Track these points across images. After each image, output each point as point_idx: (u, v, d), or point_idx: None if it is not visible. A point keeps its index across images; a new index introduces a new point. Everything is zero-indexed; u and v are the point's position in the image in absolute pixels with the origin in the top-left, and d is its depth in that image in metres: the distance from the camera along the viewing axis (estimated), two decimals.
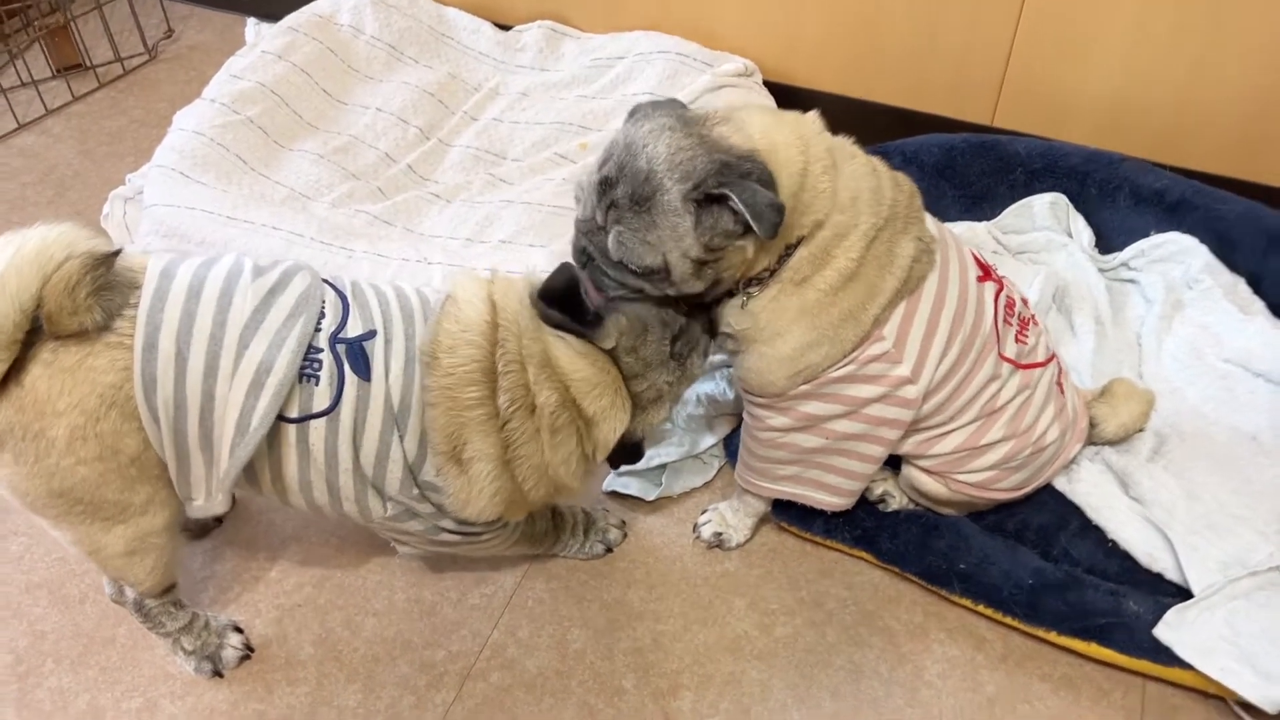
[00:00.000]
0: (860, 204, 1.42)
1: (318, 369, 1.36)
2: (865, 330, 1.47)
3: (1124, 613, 1.57)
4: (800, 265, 1.42)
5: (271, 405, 1.32)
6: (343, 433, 1.37)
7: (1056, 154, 2.23)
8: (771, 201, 1.30)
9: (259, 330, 1.33)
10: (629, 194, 1.34)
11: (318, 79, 2.53)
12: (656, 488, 1.85)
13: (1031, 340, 1.62)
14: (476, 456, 1.39)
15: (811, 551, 1.79)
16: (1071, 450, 1.71)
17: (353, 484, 1.41)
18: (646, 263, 1.37)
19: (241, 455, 1.33)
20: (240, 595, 1.73)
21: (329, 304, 1.40)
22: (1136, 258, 2.14)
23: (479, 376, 1.38)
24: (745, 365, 1.53)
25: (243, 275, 1.36)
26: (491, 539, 1.58)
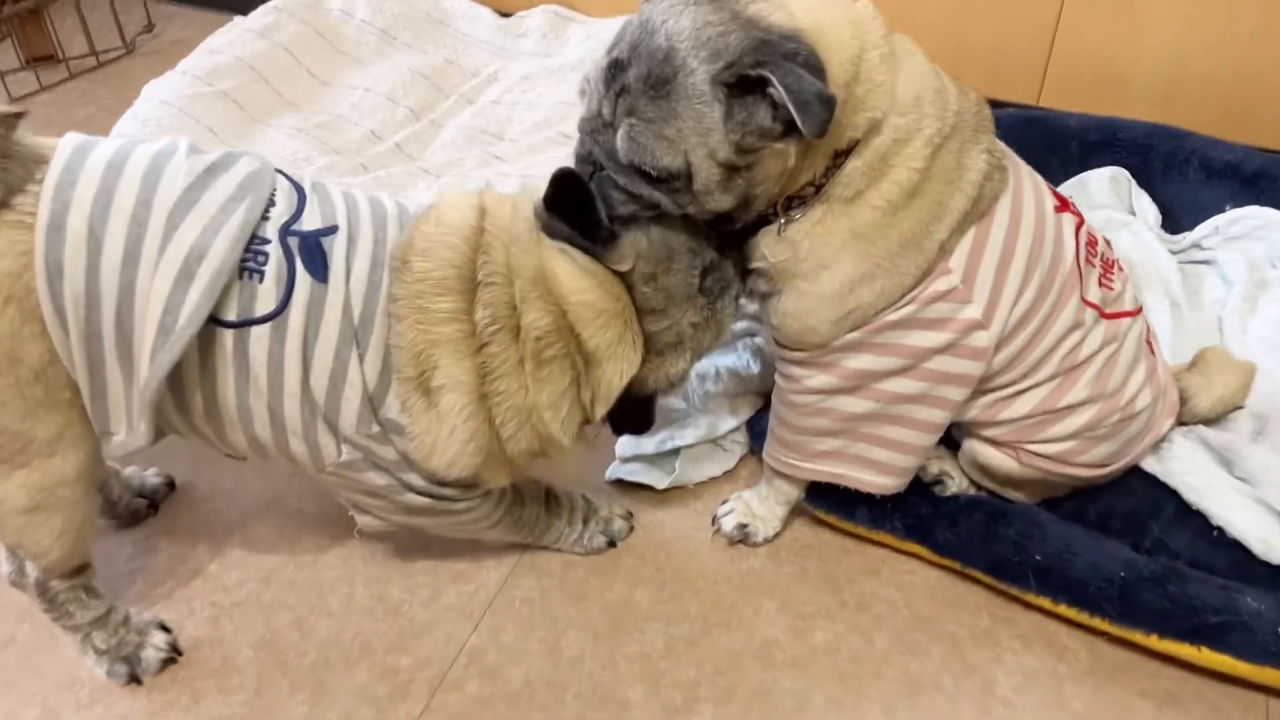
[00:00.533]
0: (924, 105, 1.18)
1: (263, 263, 1.11)
2: (929, 260, 1.22)
3: (1241, 609, 1.28)
4: (852, 178, 1.18)
5: (204, 300, 1.06)
6: (290, 344, 1.11)
7: (1114, 127, 2.00)
8: (820, 92, 1.06)
9: (193, 210, 1.08)
10: (644, 76, 1.10)
11: (301, 59, 2.34)
12: (669, 475, 1.57)
13: (1118, 286, 1.37)
14: (447, 384, 1.14)
15: (853, 548, 1.51)
16: (1163, 425, 1.44)
17: (300, 413, 1.15)
18: (664, 163, 1.12)
19: (164, 361, 1.07)
20: (172, 591, 1.45)
21: (281, 193, 1.16)
22: (1210, 236, 1.90)
23: (455, 285, 1.13)
24: (782, 309, 1.27)
25: (176, 153, 1.12)
26: (469, 511, 1.31)
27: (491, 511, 1.35)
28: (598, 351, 1.18)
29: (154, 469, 1.58)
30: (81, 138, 1.12)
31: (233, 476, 1.61)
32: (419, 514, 1.29)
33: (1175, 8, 2.03)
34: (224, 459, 1.60)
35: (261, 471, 1.61)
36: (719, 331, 1.30)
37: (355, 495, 1.27)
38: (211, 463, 1.62)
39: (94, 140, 1.12)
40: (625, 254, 1.19)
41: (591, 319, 1.17)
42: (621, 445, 1.60)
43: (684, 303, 1.23)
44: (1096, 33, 2.11)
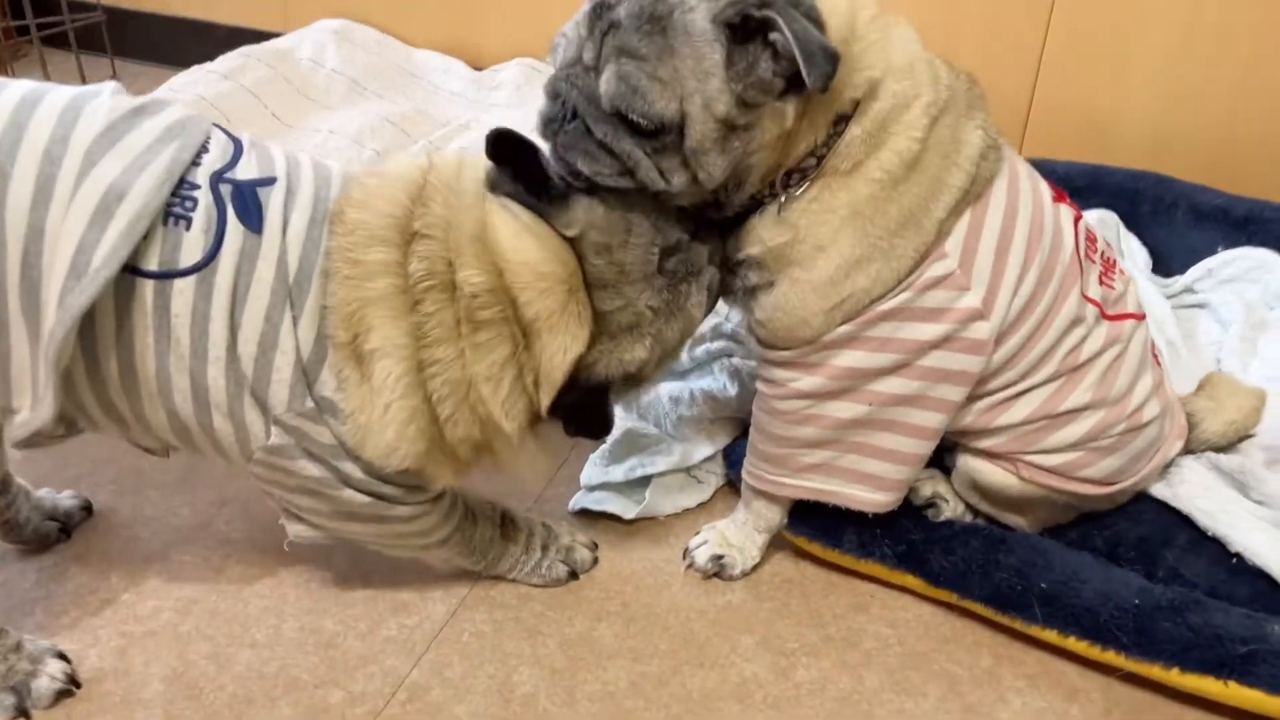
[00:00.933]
0: (918, 72, 1.12)
1: (190, 209, 1.00)
2: (927, 241, 1.14)
3: (1271, 638, 1.16)
4: (852, 147, 1.10)
5: (122, 240, 0.95)
6: (217, 300, 1.00)
7: (1101, 173, 1.97)
8: (824, 44, 0.99)
9: (115, 147, 0.98)
10: (636, 12, 1.01)
11: (265, 101, 2.27)
12: (638, 505, 1.44)
13: (1119, 286, 1.28)
14: (380, 349, 1.02)
15: (839, 582, 1.37)
16: (1173, 447, 1.34)
17: (225, 383, 1.03)
18: (656, 109, 1.01)
19: (74, 305, 0.94)
20: (78, 620, 1.28)
21: (216, 142, 1.07)
22: (1203, 279, 1.83)
23: (390, 236, 1.03)
24: (771, 302, 1.17)
25: (100, 94, 1.02)
26: (413, 519, 1.17)
27: (439, 524, 1.21)
28: (537, 320, 1.05)
29: (69, 491, 1.43)
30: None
31: (157, 503, 1.46)
32: (357, 519, 1.15)
33: (1155, 59, 2.01)
34: (147, 483, 1.48)
35: (189, 497, 1.47)
36: (685, 323, 1.18)
37: (287, 494, 1.14)
38: (135, 488, 1.48)
39: (6, 80, 1.02)
40: (576, 217, 1.08)
41: (531, 281, 1.04)
42: (587, 473, 1.47)
43: (641, 282, 1.11)
44: (1078, 84, 2.09)
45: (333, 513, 1.15)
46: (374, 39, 2.58)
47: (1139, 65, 2.03)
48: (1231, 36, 1.94)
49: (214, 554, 1.39)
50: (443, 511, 1.21)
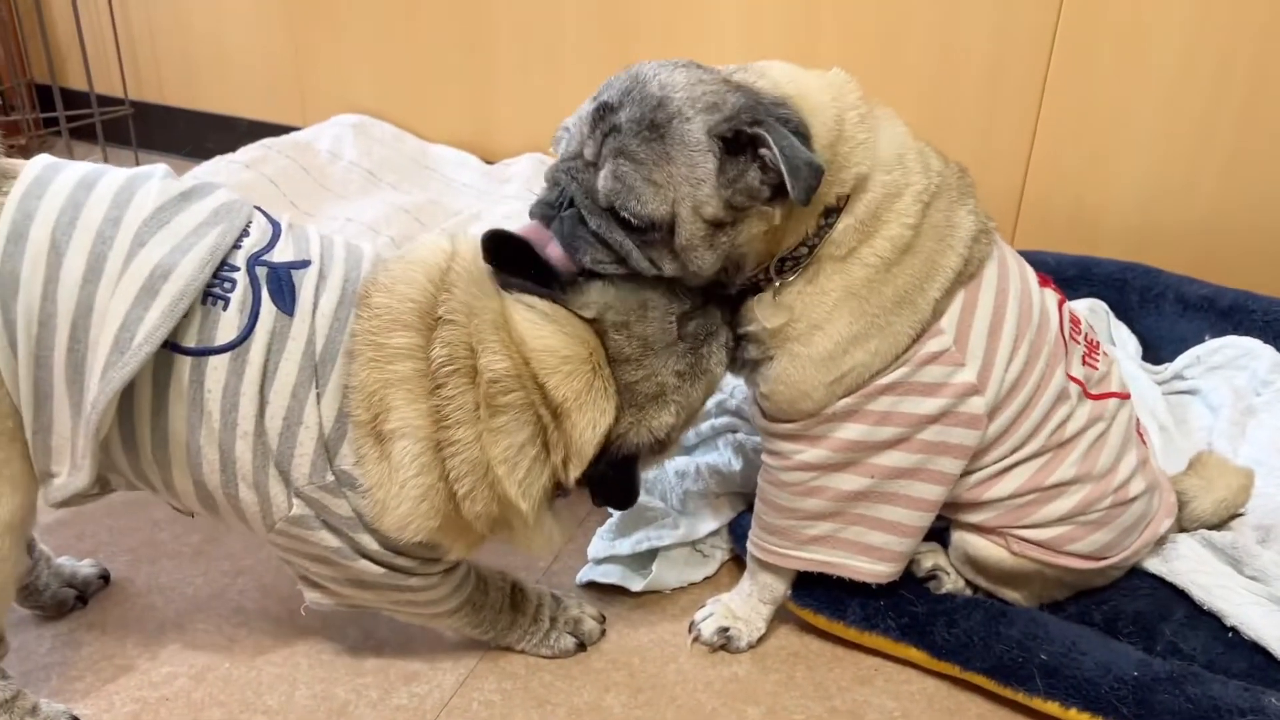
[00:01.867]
0: (908, 162, 1.19)
1: (229, 289, 1.06)
2: (923, 318, 1.19)
3: (1269, 710, 1.17)
4: (845, 236, 1.16)
5: (164, 319, 1.00)
6: (248, 377, 1.05)
7: (1090, 263, 2.04)
8: (810, 160, 1.06)
9: (163, 230, 1.04)
10: (637, 118, 1.09)
11: (285, 190, 2.36)
12: (644, 578, 1.47)
13: (1103, 367, 1.33)
14: (400, 430, 1.06)
15: (844, 655, 1.39)
16: (1161, 524, 1.38)
17: (251, 456, 1.07)
18: (648, 210, 1.09)
19: (116, 379, 0.99)
20: (93, 686, 1.30)
21: (256, 226, 1.13)
22: (1192, 366, 1.89)
23: (413, 320, 1.08)
24: (774, 375, 1.22)
25: (152, 177, 1.09)
26: (425, 589, 1.20)
27: (450, 594, 1.24)
28: (565, 402, 1.09)
29: (89, 560, 1.46)
30: (53, 158, 1.09)
31: (172, 572, 1.49)
32: (371, 588, 1.18)
33: (1141, 156, 2.10)
34: (163, 553, 1.50)
35: (204, 567, 1.49)
36: (709, 383, 1.22)
37: (305, 562, 1.17)
38: (151, 558, 1.51)
39: (67, 162, 1.09)
40: (591, 300, 1.13)
41: (556, 366, 1.09)
42: (594, 547, 1.50)
43: (664, 350, 1.16)
44: (1066, 179, 2.18)
45: (348, 581, 1.18)
46: (390, 133, 2.69)
47: (1125, 161, 2.12)
48: (1213, 133, 2.03)
49: (228, 623, 1.41)
50: (454, 583, 1.24)
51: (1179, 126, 2.05)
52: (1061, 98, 2.12)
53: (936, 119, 2.21)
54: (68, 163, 1.09)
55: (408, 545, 1.13)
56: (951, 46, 2.17)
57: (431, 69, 2.70)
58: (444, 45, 2.65)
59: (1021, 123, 2.16)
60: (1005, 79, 2.15)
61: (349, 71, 2.79)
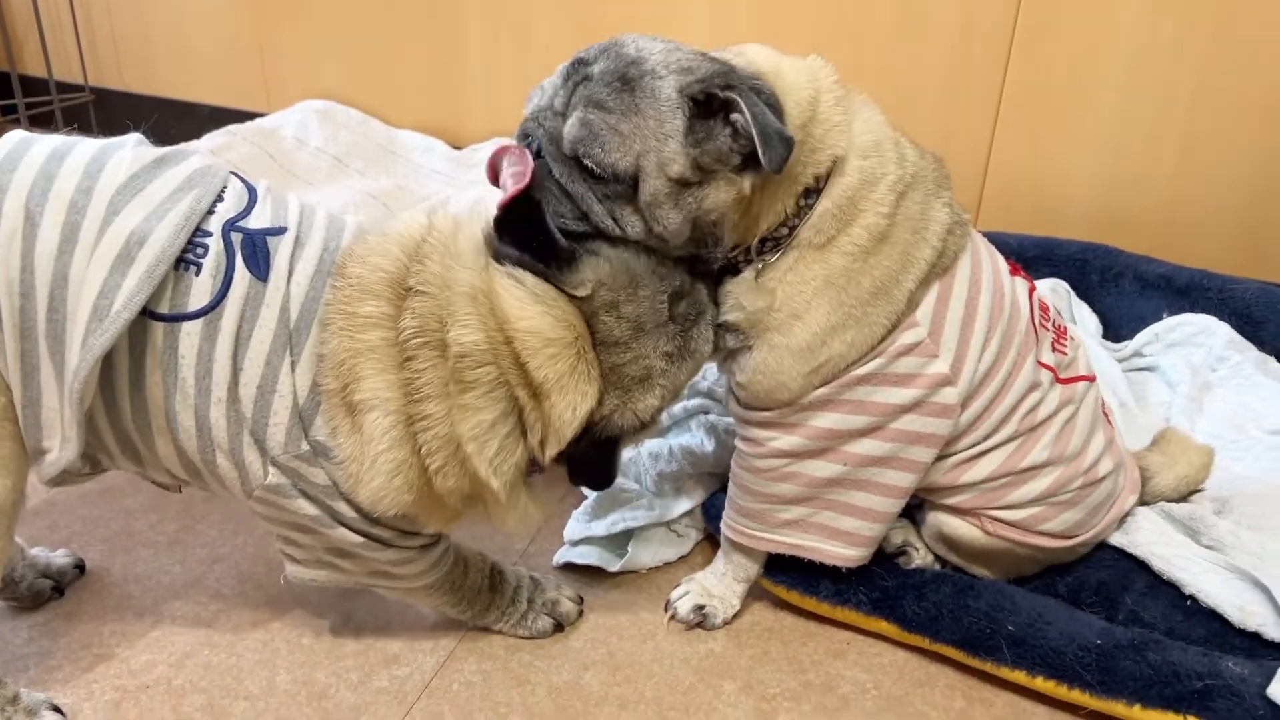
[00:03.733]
0: (884, 151, 1.20)
1: (201, 255, 1.06)
2: (898, 310, 1.21)
3: (1225, 674, 1.22)
4: (824, 221, 1.17)
5: (141, 285, 1.01)
6: (221, 343, 1.05)
7: (1051, 244, 2.08)
8: (781, 130, 1.07)
9: (137, 197, 1.04)
10: (610, 70, 1.10)
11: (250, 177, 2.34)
12: (620, 558, 1.49)
13: (1070, 352, 1.37)
14: (369, 401, 1.06)
15: (817, 630, 1.42)
16: (1127, 500, 1.42)
17: (226, 423, 1.07)
18: (611, 160, 1.08)
19: (96, 346, 1.00)
20: (71, 675, 1.30)
21: (232, 191, 1.13)
22: (1150, 343, 1.93)
23: (383, 290, 1.07)
24: (752, 364, 1.23)
25: (124, 146, 1.09)
26: (404, 559, 1.21)
27: (429, 569, 1.26)
28: (546, 383, 1.08)
29: (63, 550, 1.45)
30: (26, 133, 1.09)
31: (148, 561, 1.49)
32: (350, 557, 1.19)
33: (1101, 136, 2.14)
34: (139, 542, 1.50)
35: (180, 555, 1.50)
36: (695, 364, 1.21)
37: (286, 530, 1.18)
38: (126, 548, 1.51)
39: (39, 135, 1.09)
40: (584, 278, 1.11)
41: (539, 348, 1.07)
42: (570, 528, 1.52)
43: (654, 331, 1.14)
44: (1028, 162, 2.21)
45: (328, 549, 1.18)
46: (356, 119, 2.68)
47: (1085, 145, 2.16)
48: (1170, 118, 2.07)
49: (206, 610, 1.41)
50: (433, 558, 1.25)
51: (1137, 111, 2.09)
52: (1023, 82, 2.15)
53: (900, 103, 2.23)
54: (40, 136, 1.09)
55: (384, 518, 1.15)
56: (914, 32, 2.20)
57: (397, 53, 2.69)
58: (410, 29, 2.64)
59: (984, 106, 2.19)
60: (968, 64, 2.18)
61: (313, 56, 2.77)
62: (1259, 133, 2.02)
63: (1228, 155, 2.06)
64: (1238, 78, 1.99)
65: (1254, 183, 2.06)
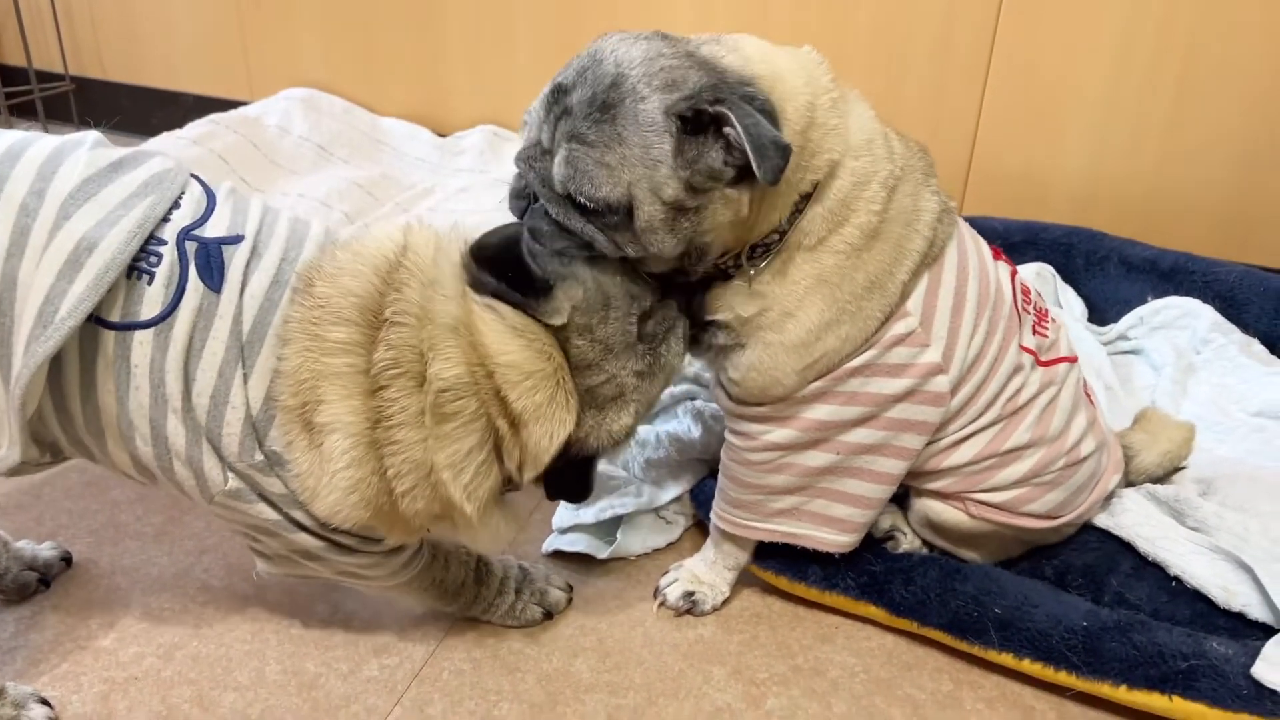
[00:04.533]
0: (875, 148, 1.19)
1: (154, 264, 1.04)
2: (892, 302, 1.21)
3: (1210, 654, 1.23)
4: (814, 224, 1.16)
5: (88, 292, 0.99)
6: (172, 353, 1.04)
7: (1037, 228, 2.08)
8: (776, 139, 1.04)
9: (89, 202, 1.02)
10: (588, 99, 1.06)
11: (235, 166, 2.33)
12: (609, 545, 1.49)
13: (1052, 334, 1.37)
14: (331, 425, 1.04)
15: (805, 615, 1.43)
16: (1110, 480, 1.42)
17: (183, 431, 1.06)
18: (602, 194, 1.06)
19: (39, 353, 0.98)
20: (58, 667, 1.30)
21: (190, 197, 1.10)
22: (1135, 326, 1.94)
23: (354, 316, 1.05)
24: (745, 363, 1.22)
25: (80, 146, 1.07)
26: (369, 564, 1.21)
27: (398, 570, 1.25)
28: (525, 413, 1.08)
29: (49, 542, 1.45)
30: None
31: (135, 553, 1.48)
32: (315, 559, 1.18)
33: (1086, 122, 2.15)
34: (125, 534, 1.50)
35: (168, 547, 1.49)
36: (666, 376, 1.22)
37: (250, 532, 1.17)
38: (113, 539, 1.50)
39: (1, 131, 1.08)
40: (560, 307, 1.10)
41: (519, 381, 1.07)
42: (559, 516, 1.52)
43: (623, 352, 1.15)
44: (1013, 147, 2.22)
45: (293, 552, 1.18)
46: (340, 107, 2.66)
47: (1070, 130, 2.16)
48: (1154, 103, 2.08)
49: (194, 601, 1.41)
50: (401, 560, 1.24)
51: (1122, 96, 2.09)
52: (1008, 68, 2.15)
53: (885, 89, 2.24)
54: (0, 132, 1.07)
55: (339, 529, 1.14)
56: (899, 17, 2.19)
57: (381, 40, 2.67)
58: (393, 16, 2.63)
59: (969, 93, 2.19)
60: (952, 50, 2.18)
61: (296, 44, 2.75)
62: (1243, 117, 2.03)
63: (1212, 140, 2.07)
64: (1222, 62, 2.00)
65: (1238, 167, 2.07)
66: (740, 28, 1.23)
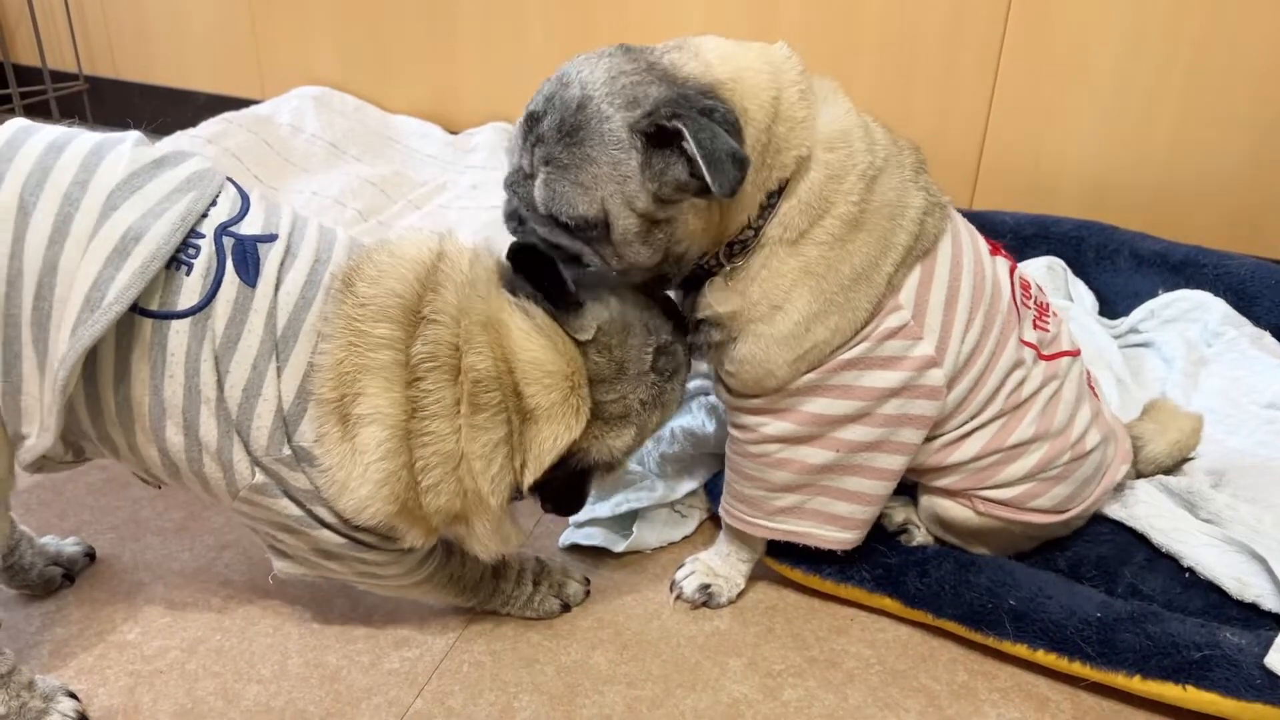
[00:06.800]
0: (853, 140, 1.19)
1: (193, 255, 1.07)
2: (879, 293, 1.22)
3: (1223, 644, 1.24)
4: (791, 218, 1.18)
5: (134, 279, 1.02)
6: (208, 344, 1.07)
7: (1047, 222, 2.09)
8: (733, 151, 1.06)
9: (135, 194, 1.05)
10: (557, 125, 1.11)
11: (248, 164, 2.35)
12: (625, 539, 1.51)
13: (1053, 328, 1.38)
14: (370, 415, 1.08)
15: (820, 607, 1.44)
16: (1119, 470, 1.43)
17: (215, 423, 1.09)
18: (579, 212, 1.12)
19: (85, 336, 1.01)
20: (84, 661, 1.32)
21: (226, 196, 1.14)
22: (1146, 319, 1.95)
23: (397, 315, 1.10)
24: (738, 355, 1.24)
25: (123, 142, 1.10)
26: (387, 563, 1.23)
27: (414, 569, 1.27)
28: (537, 411, 1.13)
29: (73, 538, 1.47)
30: (27, 122, 1.10)
31: (157, 548, 1.50)
32: (334, 558, 1.21)
33: (1096, 115, 2.15)
34: (147, 530, 1.52)
35: (189, 542, 1.51)
36: (664, 413, 1.28)
37: (270, 529, 1.19)
38: (135, 535, 1.52)
39: (40, 125, 1.10)
40: (587, 324, 1.17)
41: (538, 378, 1.12)
42: None
43: (636, 378, 1.21)
44: (1023, 141, 2.22)
45: (313, 549, 1.20)
46: (352, 105, 2.68)
47: (1080, 123, 2.17)
48: (1165, 97, 2.08)
49: (216, 596, 1.43)
50: (417, 559, 1.26)
51: (1132, 90, 2.10)
52: (1017, 63, 2.16)
53: (895, 85, 2.24)
54: (41, 126, 1.10)
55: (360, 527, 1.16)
56: (909, 12, 2.20)
57: (392, 38, 2.68)
58: (404, 14, 2.64)
59: (979, 87, 2.20)
60: (963, 45, 2.18)
61: (308, 42, 2.77)
62: (1254, 109, 2.03)
63: (1223, 132, 2.07)
64: (1233, 55, 2.00)
65: (1249, 160, 2.07)
66: (750, 22, 1.24)
